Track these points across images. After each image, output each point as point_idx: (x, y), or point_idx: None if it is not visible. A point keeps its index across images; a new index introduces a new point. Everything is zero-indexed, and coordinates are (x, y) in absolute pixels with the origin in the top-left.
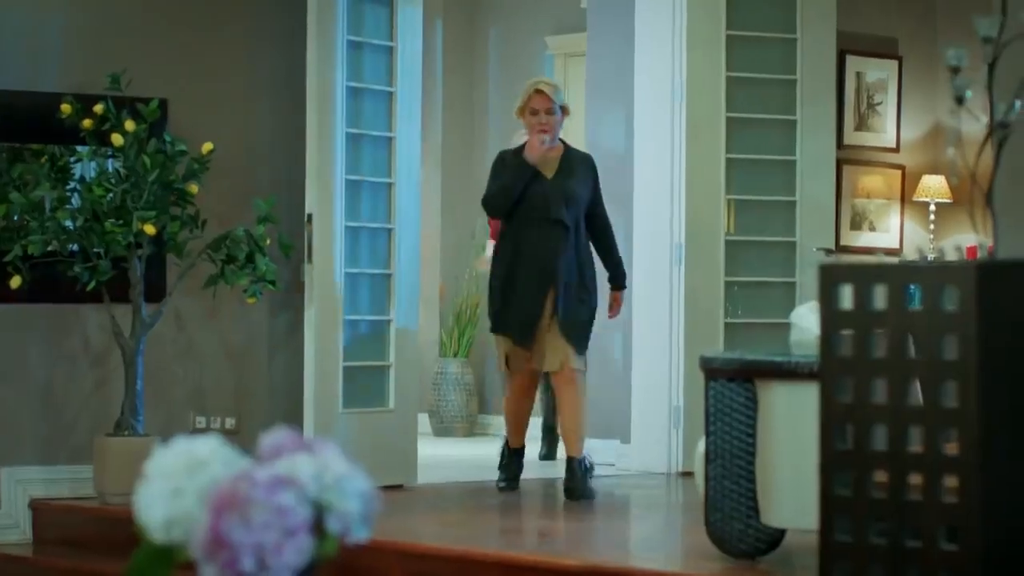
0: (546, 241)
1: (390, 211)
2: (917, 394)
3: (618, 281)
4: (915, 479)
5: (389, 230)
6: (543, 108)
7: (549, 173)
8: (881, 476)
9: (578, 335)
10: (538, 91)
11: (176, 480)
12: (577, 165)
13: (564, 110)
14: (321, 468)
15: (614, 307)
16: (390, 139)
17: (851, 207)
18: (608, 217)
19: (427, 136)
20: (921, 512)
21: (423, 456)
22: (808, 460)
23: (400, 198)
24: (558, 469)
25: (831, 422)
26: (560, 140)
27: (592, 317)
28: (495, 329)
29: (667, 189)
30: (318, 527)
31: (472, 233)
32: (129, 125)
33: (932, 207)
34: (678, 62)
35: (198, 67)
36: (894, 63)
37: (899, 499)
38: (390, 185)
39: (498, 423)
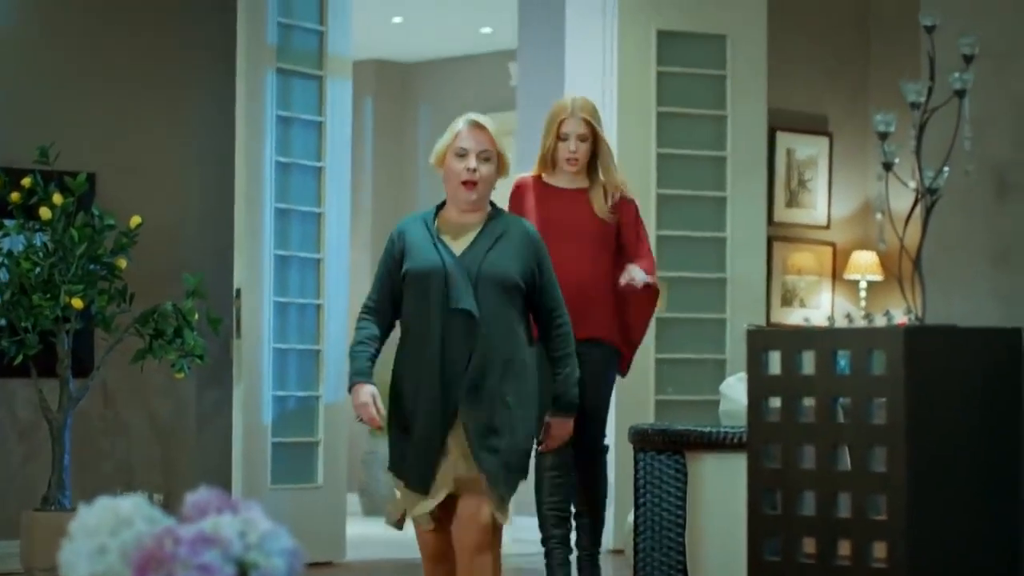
0: (446, 341)
1: (319, 287)
2: (846, 459)
3: (561, 402)
4: (844, 545)
5: (318, 306)
6: (476, 151)
7: (459, 245)
8: (810, 542)
9: (502, 472)
10: (475, 124)
11: (100, 538)
12: (506, 236)
13: (501, 161)
14: (245, 527)
15: (548, 435)
16: (319, 214)
17: (782, 284)
18: (563, 315)
19: (357, 214)
20: None
21: (352, 535)
22: (738, 530)
23: (329, 274)
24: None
25: (759, 488)
26: (490, 204)
27: (527, 445)
28: (389, 466)
29: None
30: None
31: None
32: (57, 199)
33: (863, 284)
34: (609, 139)
35: (126, 141)
36: (825, 140)
37: (828, 565)
38: (319, 260)
39: None
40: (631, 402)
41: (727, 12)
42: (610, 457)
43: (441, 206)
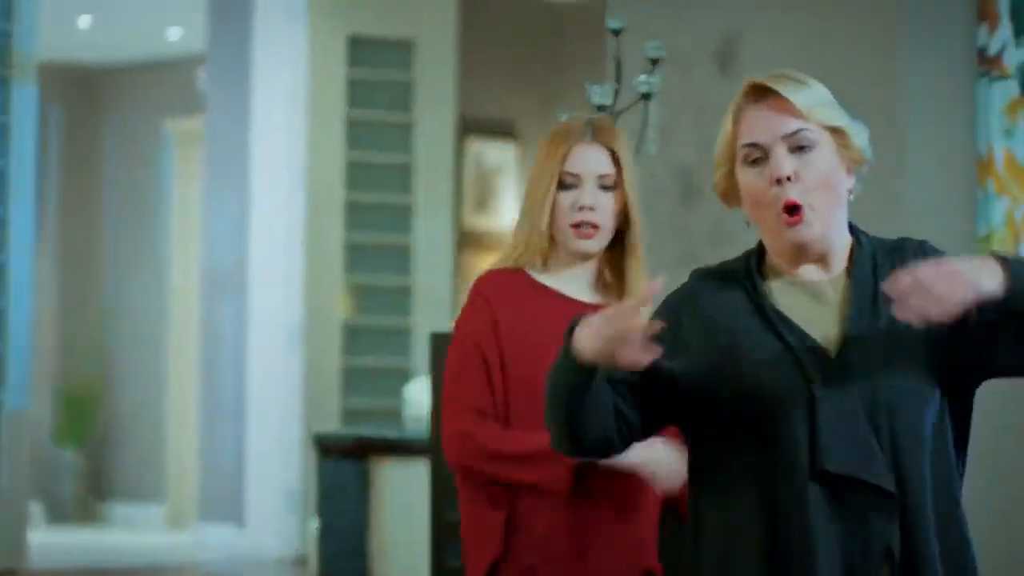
0: (814, 545)
1: (2, 291)
2: None
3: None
4: None
5: (1, 310)
6: (781, 135)
7: (821, 330)
8: None
9: None
10: (762, 90)
11: None
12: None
13: (843, 139)
14: None
15: None
16: (2, 219)
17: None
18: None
19: (44, 224)
20: None
21: (36, 543)
22: (422, 535)
23: (13, 278)
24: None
25: (442, 494)
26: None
27: None
28: None
29: (284, 272)
30: None
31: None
32: None
33: None
34: (297, 145)
35: None
36: (514, 145)
37: None
38: (2, 264)
39: (115, 511)
40: (318, 408)
41: (417, 17)
42: (295, 463)
43: (760, 255)
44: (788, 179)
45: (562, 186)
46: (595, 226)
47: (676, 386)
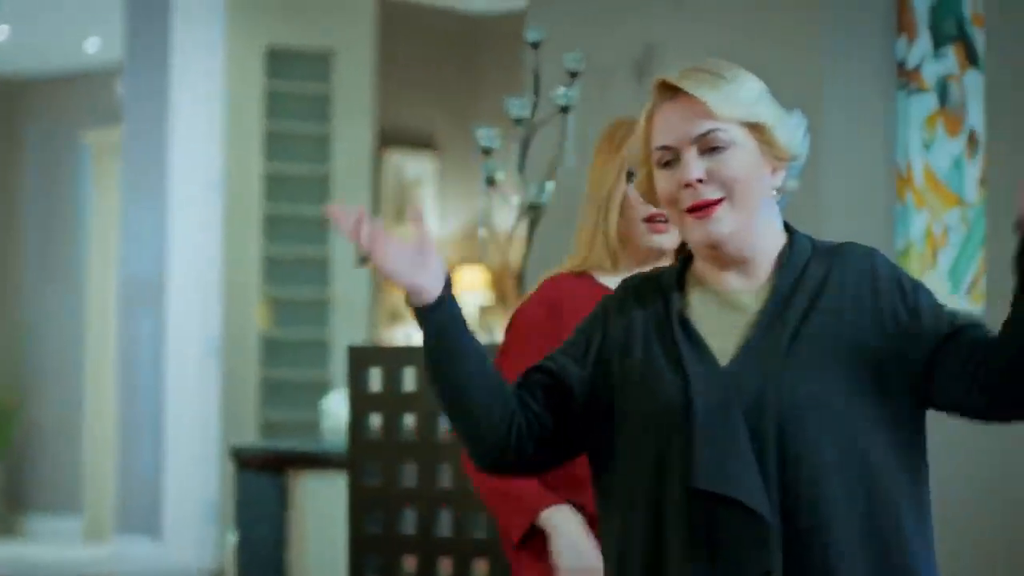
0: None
1: None
2: (447, 477)
3: None
4: (445, 563)
5: None
6: (689, 139)
7: (728, 338)
8: (411, 560)
9: None
10: (670, 87)
11: None
12: (829, 287)
13: (763, 136)
14: None
15: None
16: None
17: (388, 303)
18: (974, 327)
19: None
20: None
21: None
22: (339, 548)
23: None
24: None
25: (360, 506)
26: (786, 227)
27: None
28: None
29: (202, 285)
30: None
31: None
32: None
33: (471, 301)
34: (215, 156)
35: None
36: (434, 157)
37: None
38: None
39: (32, 524)
40: (234, 421)
41: (335, 28)
42: (213, 476)
43: (689, 262)
44: (700, 182)
45: (631, 180)
46: (668, 219)
47: (578, 393)
